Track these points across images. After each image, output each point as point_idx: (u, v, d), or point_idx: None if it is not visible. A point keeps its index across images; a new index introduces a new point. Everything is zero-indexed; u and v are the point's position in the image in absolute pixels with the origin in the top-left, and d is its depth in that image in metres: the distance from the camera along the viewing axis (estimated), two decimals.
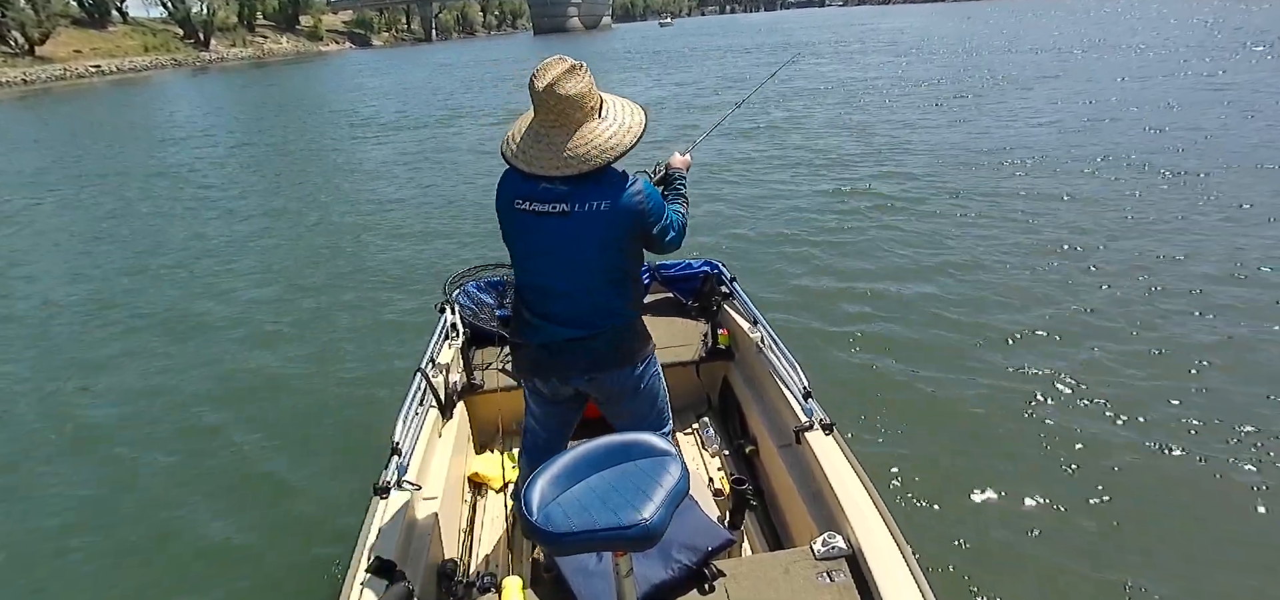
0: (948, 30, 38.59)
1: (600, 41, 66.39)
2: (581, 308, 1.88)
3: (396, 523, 1.98)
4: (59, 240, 8.72)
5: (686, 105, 17.17)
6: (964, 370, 4.15)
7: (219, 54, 65.45)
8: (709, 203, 8.13)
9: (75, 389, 4.84)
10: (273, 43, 73.99)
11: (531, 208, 1.80)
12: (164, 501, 3.58)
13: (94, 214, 9.95)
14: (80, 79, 48.99)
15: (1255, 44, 19.59)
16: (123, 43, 59.16)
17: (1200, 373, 3.95)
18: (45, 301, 6.58)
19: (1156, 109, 11.63)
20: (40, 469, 3.98)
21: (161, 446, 4.09)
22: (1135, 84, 14.56)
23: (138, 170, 13.26)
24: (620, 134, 1.78)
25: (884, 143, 10.85)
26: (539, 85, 1.73)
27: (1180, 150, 8.77)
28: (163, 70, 55.00)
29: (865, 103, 15.04)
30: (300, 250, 7.61)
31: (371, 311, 5.76)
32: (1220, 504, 3.02)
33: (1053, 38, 27.82)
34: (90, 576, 3.15)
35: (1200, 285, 4.99)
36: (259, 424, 4.21)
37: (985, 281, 5.38)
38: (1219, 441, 3.38)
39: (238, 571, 3.09)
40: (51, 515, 3.55)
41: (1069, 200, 7.17)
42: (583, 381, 1.97)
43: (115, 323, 5.93)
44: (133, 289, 6.74)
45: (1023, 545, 2.89)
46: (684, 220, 2.02)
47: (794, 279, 5.74)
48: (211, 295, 6.41)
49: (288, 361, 5.01)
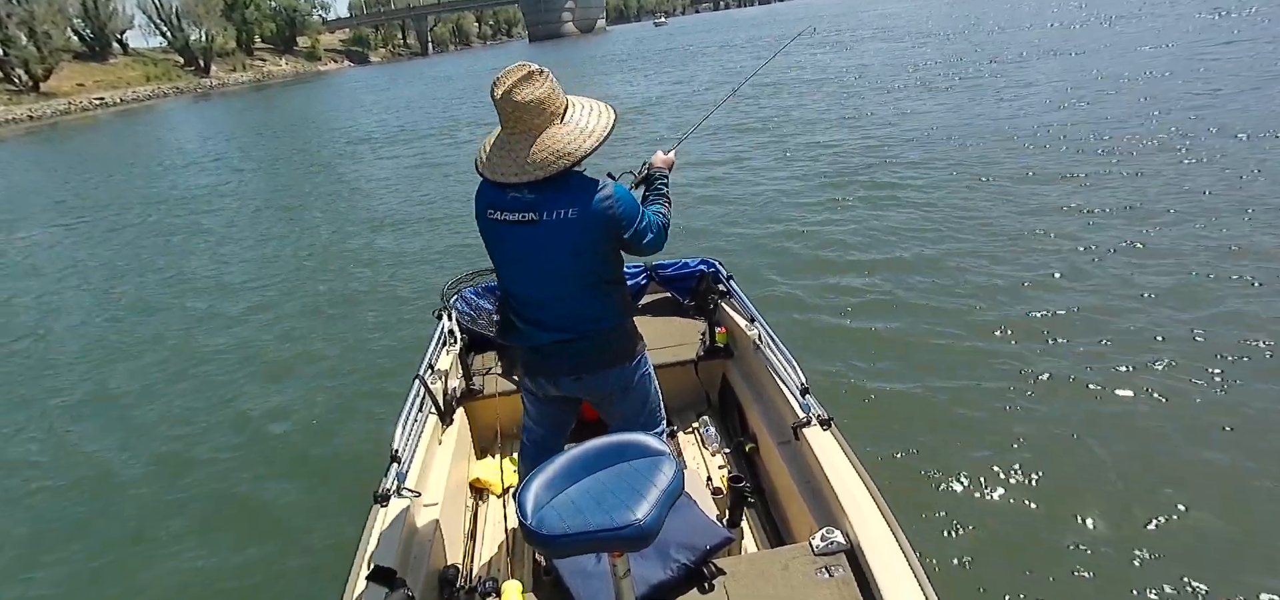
0: (943, 15, 38.34)
1: (595, 45, 66.17)
2: (561, 313, 1.89)
3: (397, 530, 1.97)
4: (67, 262, 8.85)
5: (685, 103, 17.09)
6: (962, 364, 4.13)
7: (220, 79, 65.79)
8: (704, 200, 8.13)
9: (74, 403, 4.89)
10: (272, 65, 74.33)
11: (502, 217, 1.81)
12: (163, 512, 3.59)
13: (97, 238, 10.08)
14: (85, 112, 49.34)
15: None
16: (124, 74, 59.56)
17: (1205, 366, 3.87)
18: (50, 320, 6.66)
19: (1158, 87, 11.46)
20: (41, 479, 4.01)
21: (160, 457, 4.10)
22: (1136, 61, 14.46)
23: (143, 196, 13.42)
24: (579, 138, 1.75)
25: (880, 134, 10.78)
26: (497, 94, 1.74)
27: (1190, 134, 8.56)
28: (165, 99, 55.31)
29: (859, 92, 14.95)
30: (299, 262, 7.67)
31: (370, 318, 5.77)
32: (1222, 496, 2.96)
33: (1051, 17, 27.59)
34: (90, 585, 3.16)
35: (1204, 276, 4.89)
36: (258, 433, 4.23)
37: (984, 276, 5.33)
38: (1223, 434, 3.33)
39: (239, 581, 3.09)
40: (50, 524, 3.58)
41: (1069, 193, 7.04)
42: (570, 382, 1.98)
43: (116, 336, 6.00)
44: (133, 303, 6.82)
45: (1020, 538, 2.88)
46: (664, 221, 1.98)
47: (791, 276, 5.73)
48: (211, 310, 6.47)
49: (287, 370, 5.03)
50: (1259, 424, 3.38)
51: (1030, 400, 3.76)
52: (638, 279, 3.56)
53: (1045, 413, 3.63)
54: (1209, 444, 3.29)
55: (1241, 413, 3.48)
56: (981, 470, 3.23)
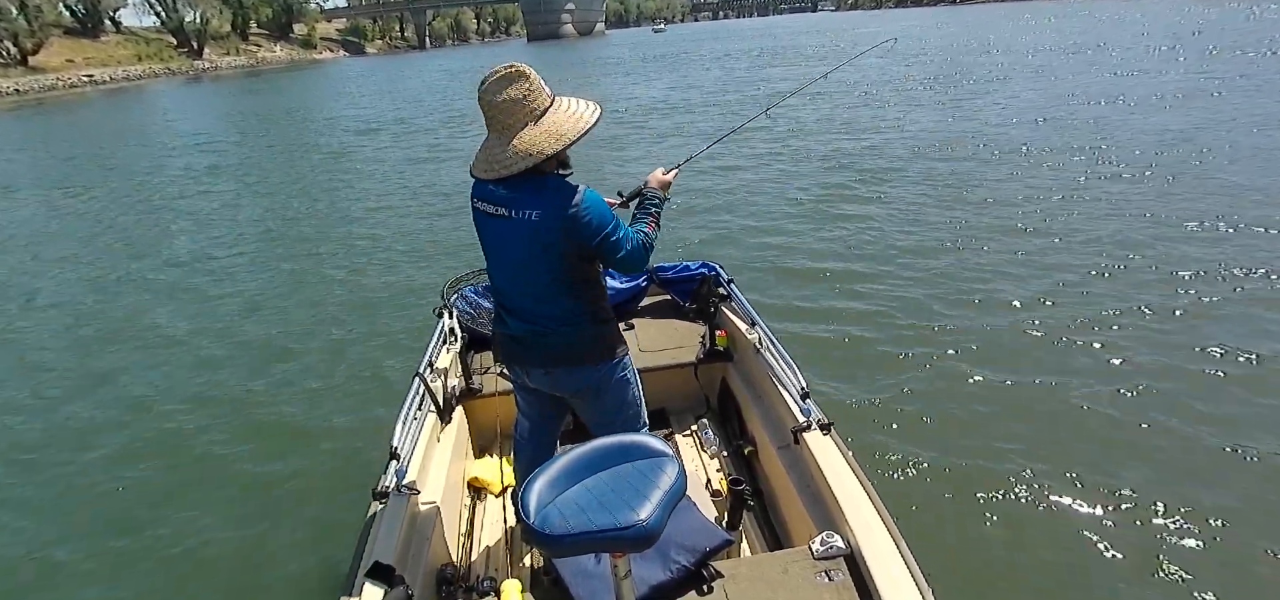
0: (943, 33, 38.77)
1: (595, 47, 66.49)
2: (530, 307, 1.94)
3: (396, 527, 1.98)
4: (55, 250, 8.68)
5: (693, 107, 17.20)
6: (961, 369, 4.15)
7: (212, 63, 65.42)
8: (705, 204, 8.16)
9: (67, 395, 4.81)
10: (266, 51, 73.97)
11: (484, 209, 1.89)
12: (162, 507, 3.56)
13: (87, 224, 9.91)
14: (72, 89, 48.85)
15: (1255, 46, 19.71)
16: (116, 52, 59.07)
17: (1205, 365, 3.94)
18: (34, 309, 6.56)
19: (1154, 105, 11.68)
20: (33, 474, 3.96)
21: (158, 452, 4.07)
22: (1134, 80, 14.66)
23: (132, 179, 13.23)
24: (545, 140, 1.78)
25: (880, 142, 10.90)
26: (480, 92, 1.82)
27: (1186, 147, 8.78)
28: (156, 80, 54.91)
29: (862, 103, 15.09)
30: (297, 257, 7.59)
31: (369, 316, 5.74)
32: (1223, 496, 3.00)
33: (1048, 40, 27.98)
34: (88, 582, 3.13)
35: (1205, 281, 4.98)
36: (257, 429, 4.20)
37: (983, 281, 5.38)
38: (1224, 435, 3.37)
39: (237, 577, 3.08)
40: (47, 522, 3.54)
41: (1067, 201, 7.18)
42: (540, 375, 2.02)
43: (108, 331, 5.90)
44: (123, 297, 6.71)
45: (1020, 543, 2.88)
46: (643, 241, 1.95)
47: (792, 280, 5.74)
48: (205, 302, 6.38)
49: (286, 366, 4.99)
50: (1260, 423, 3.42)
51: (1031, 406, 3.77)
52: (638, 281, 3.56)
53: (1046, 418, 3.65)
54: (1209, 445, 3.32)
55: (1242, 414, 3.52)
56: (982, 476, 3.24)
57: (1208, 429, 3.42)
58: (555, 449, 2.23)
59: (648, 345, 3.26)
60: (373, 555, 1.85)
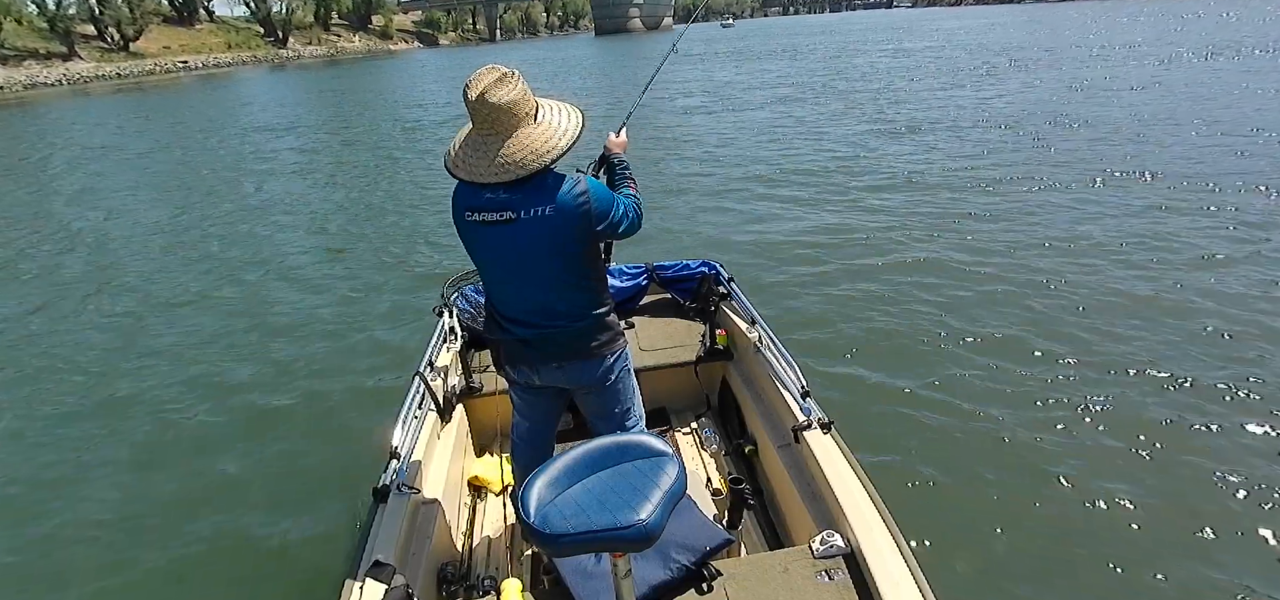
0: (1017, 31, 37.13)
1: (663, 41, 66.12)
2: (540, 308, 1.91)
3: (396, 526, 1.98)
4: (65, 225, 8.94)
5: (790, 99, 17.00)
6: (961, 368, 4.09)
7: (296, 51, 68.41)
8: (706, 203, 8.12)
9: (67, 394, 4.76)
10: (345, 41, 76.81)
11: (481, 218, 1.82)
12: (162, 506, 3.53)
13: (104, 214, 9.85)
14: (168, 74, 51.88)
15: None
16: (208, 40, 62.50)
17: (1203, 374, 3.84)
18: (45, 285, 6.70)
19: (1185, 116, 10.84)
20: (39, 465, 3.96)
21: (157, 451, 4.03)
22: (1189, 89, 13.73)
23: (204, 164, 13.79)
24: (555, 138, 1.78)
25: (884, 140, 10.79)
26: (471, 95, 1.74)
27: (1221, 161, 8.21)
28: (244, 67, 57.71)
29: (871, 99, 14.77)
30: (301, 252, 7.52)
31: (369, 315, 5.69)
32: (1223, 497, 2.97)
33: (1133, 37, 26.47)
34: (88, 580, 3.12)
35: (1206, 286, 4.86)
36: (257, 427, 4.16)
37: (984, 281, 5.29)
38: (1225, 437, 3.32)
39: (237, 575, 3.07)
40: (47, 520, 3.51)
41: (1071, 203, 7.01)
42: (551, 370, 2.00)
43: (111, 326, 5.84)
44: (126, 287, 6.71)
45: (1020, 542, 2.85)
46: (636, 203, 1.99)
47: (792, 279, 5.66)
48: (206, 297, 6.32)
49: (286, 364, 4.94)
50: (1260, 424, 3.39)
51: (1031, 405, 3.72)
52: (638, 280, 3.55)
53: (1046, 418, 3.60)
54: (1210, 447, 3.28)
55: (1242, 416, 3.46)
56: (982, 475, 3.20)
57: (1209, 429, 3.37)
58: (552, 449, 2.23)
59: (648, 344, 3.25)
60: (373, 553, 1.86)
